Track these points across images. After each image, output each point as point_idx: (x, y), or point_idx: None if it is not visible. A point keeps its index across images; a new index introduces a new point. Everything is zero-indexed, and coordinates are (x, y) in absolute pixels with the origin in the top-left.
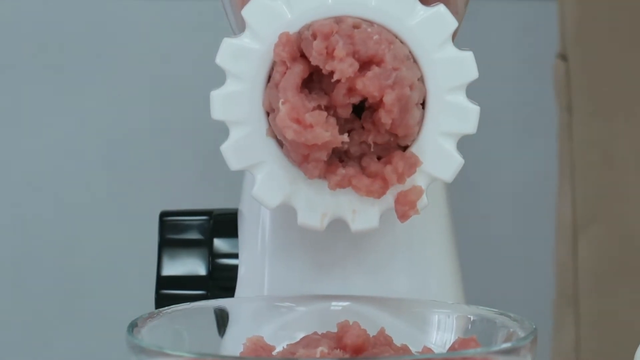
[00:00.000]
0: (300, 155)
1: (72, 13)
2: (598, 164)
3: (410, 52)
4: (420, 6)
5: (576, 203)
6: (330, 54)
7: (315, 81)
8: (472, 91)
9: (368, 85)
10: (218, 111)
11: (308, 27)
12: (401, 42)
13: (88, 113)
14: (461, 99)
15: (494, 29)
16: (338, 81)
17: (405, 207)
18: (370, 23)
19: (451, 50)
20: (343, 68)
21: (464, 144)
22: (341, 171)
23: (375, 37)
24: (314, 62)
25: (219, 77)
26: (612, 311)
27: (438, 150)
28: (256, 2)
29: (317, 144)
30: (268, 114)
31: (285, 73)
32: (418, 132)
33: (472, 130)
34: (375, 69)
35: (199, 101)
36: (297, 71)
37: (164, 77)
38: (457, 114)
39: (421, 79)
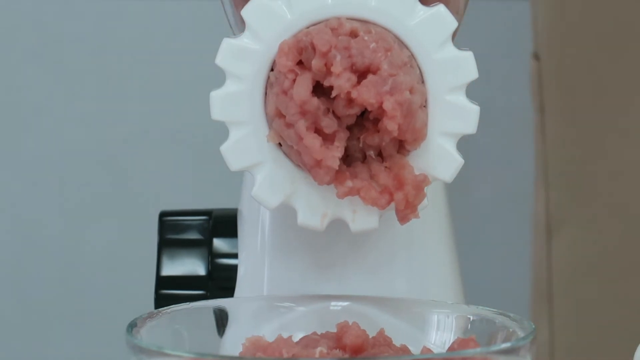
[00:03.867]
0: (312, 159)
1: (73, 13)
2: (570, 165)
3: (411, 54)
4: (420, 6)
5: (549, 204)
6: (328, 70)
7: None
8: (474, 91)
9: (363, 93)
10: (218, 111)
11: (306, 33)
12: (401, 43)
13: (88, 113)
14: (461, 99)
15: (481, 27)
16: (338, 95)
17: (406, 211)
18: (368, 30)
19: (451, 50)
20: (340, 84)
21: (465, 144)
22: (349, 183)
23: (372, 45)
24: (314, 77)
25: (219, 77)
26: (584, 310)
27: (438, 150)
28: (256, 2)
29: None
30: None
31: (294, 81)
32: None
33: (472, 130)
34: (370, 77)
35: (199, 101)
36: (308, 80)
37: (164, 77)
38: (457, 114)
39: (421, 80)
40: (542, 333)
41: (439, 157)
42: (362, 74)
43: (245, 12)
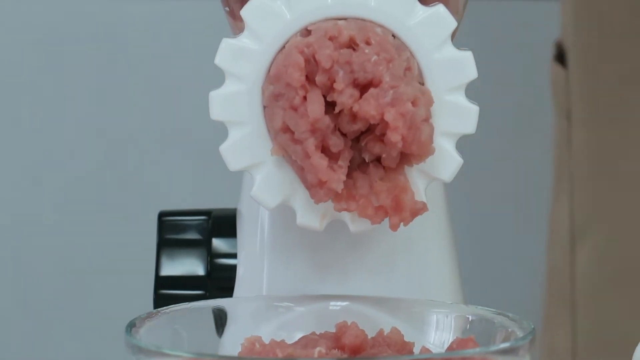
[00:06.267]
0: (317, 179)
1: (73, 13)
2: (597, 172)
3: (410, 54)
4: (419, 6)
5: (574, 211)
6: (332, 85)
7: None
8: (475, 91)
9: (364, 106)
10: (217, 111)
11: (307, 44)
12: (400, 42)
13: (87, 113)
14: (460, 98)
15: (492, 27)
16: (342, 111)
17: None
18: (367, 39)
19: (450, 50)
20: (343, 100)
21: (464, 144)
22: (343, 205)
23: (374, 58)
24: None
25: (218, 77)
26: (609, 319)
27: (437, 150)
28: (255, 2)
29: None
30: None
31: (305, 97)
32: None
33: (472, 130)
34: (371, 91)
35: (198, 101)
36: (320, 96)
37: (164, 77)
38: (456, 113)
39: (421, 81)
40: (563, 341)
41: (438, 157)
42: (364, 88)
43: (245, 12)
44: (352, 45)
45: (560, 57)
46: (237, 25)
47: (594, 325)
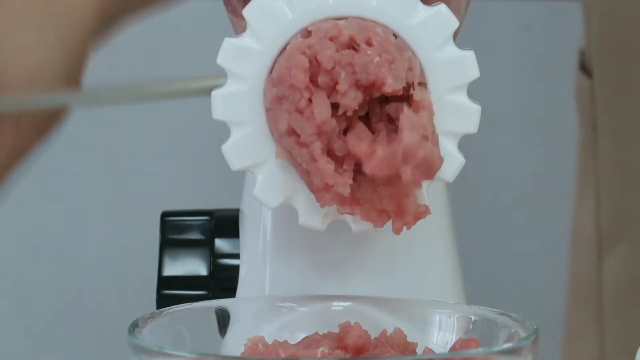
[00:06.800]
0: (323, 183)
1: None
2: (624, 183)
3: (412, 53)
4: (421, 6)
5: (601, 221)
6: (334, 86)
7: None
8: (475, 91)
9: (376, 171)
10: (219, 111)
11: (309, 45)
12: (402, 41)
13: (89, 112)
14: (462, 98)
15: (503, 28)
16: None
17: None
18: (368, 39)
19: (452, 49)
20: (347, 102)
21: (464, 144)
22: (347, 209)
23: (376, 59)
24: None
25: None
26: (637, 329)
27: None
28: (257, 2)
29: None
30: (269, 122)
31: (310, 99)
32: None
33: (473, 130)
34: (379, 151)
35: (201, 101)
36: (326, 99)
37: (164, 77)
38: (458, 113)
39: (424, 82)
40: (589, 350)
41: None
42: (366, 89)
43: (247, 11)
44: (352, 45)
45: (585, 66)
46: (239, 24)
47: (623, 335)
